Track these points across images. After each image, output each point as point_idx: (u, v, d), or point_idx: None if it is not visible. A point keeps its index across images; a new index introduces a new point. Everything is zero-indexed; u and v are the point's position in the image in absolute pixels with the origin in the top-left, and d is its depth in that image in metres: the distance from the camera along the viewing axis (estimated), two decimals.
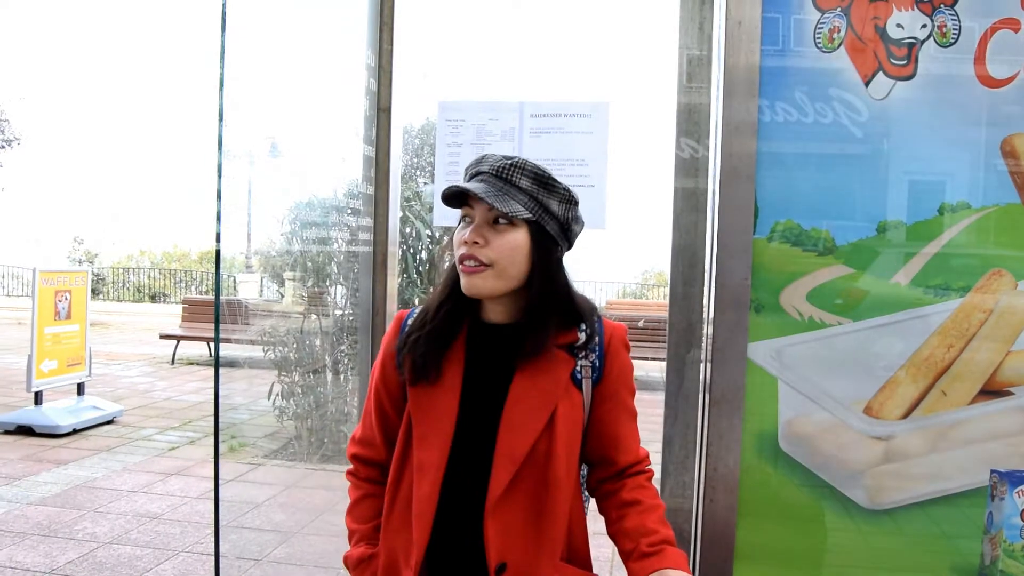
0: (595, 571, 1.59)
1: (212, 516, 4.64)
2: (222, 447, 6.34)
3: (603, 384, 1.55)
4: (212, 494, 5.11)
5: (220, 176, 1.61)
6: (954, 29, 1.85)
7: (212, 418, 7.57)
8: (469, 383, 1.51)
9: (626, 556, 1.50)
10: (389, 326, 1.62)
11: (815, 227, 1.92)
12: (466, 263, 1.45)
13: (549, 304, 1.49)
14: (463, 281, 1.47)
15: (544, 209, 1.47)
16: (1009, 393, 1.90)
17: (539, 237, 1.47)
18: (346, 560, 1.59)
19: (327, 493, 4.77)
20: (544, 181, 1.46)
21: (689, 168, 2.10)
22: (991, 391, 1.90)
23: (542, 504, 1.48)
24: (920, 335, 1.91)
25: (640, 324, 9.90)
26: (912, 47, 1.86)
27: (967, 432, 1.92)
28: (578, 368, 1.53)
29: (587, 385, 1.54)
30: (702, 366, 2.03)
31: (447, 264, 1.56)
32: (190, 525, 4.48)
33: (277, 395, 5.72)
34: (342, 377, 5.47)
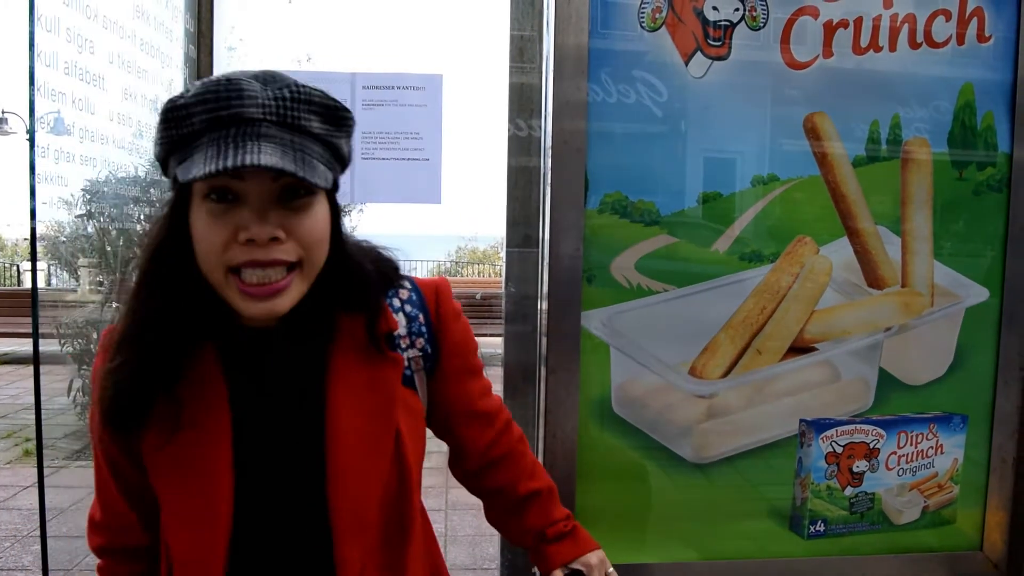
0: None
1: (9, 529, 4.24)
2: (15, 451, 5.79)
3: (441, 369, 1.22)
4: (6, 504, 4.66)
5: (33, 146, 1.45)
6: (763, 14, 1.98)
7: None
8: (243, 425, 1.05)
9: (532, 538, 1.34)
10: (97, 354, 1.13)
11: (641, 199, 2.01)
12: (255, 278, 0.96)
13: (348, 286, 1.09)
14: (251, 307, 0.97)
15: (337, 155, 1.03)
16: (814, 349, 2.09)
17: (333, 199, 1.07)
18: None
19: None
20: (336, 115, 1.01)
21: (523, 146, 2.13)
22: (799, 347, 2.08)
23: (399, 551, 1.13)
24: (737, 299, 2.06)
25: (478, 297, 10.04)
26: (727, 29, 1.98)
27: (779, 386, 2.09)
28: (407, 363, 1.16)
29: (420, 380, 1.19)
30: (537, 338, 2.08)
31: (137, 264, 1.07)
32: None
33: (78, 391, 5.27)
34: None
